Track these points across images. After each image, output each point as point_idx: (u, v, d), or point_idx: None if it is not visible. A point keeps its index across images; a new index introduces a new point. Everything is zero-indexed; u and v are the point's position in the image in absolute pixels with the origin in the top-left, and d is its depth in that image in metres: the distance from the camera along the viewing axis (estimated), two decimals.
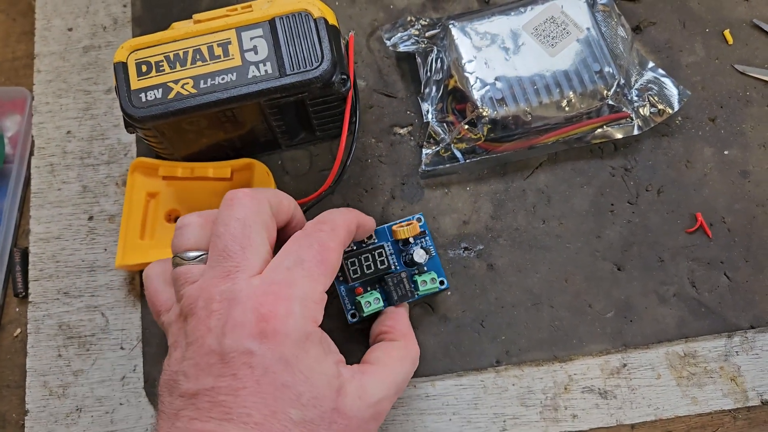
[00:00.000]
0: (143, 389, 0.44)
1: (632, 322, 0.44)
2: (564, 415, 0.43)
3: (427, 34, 0.48)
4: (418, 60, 0.48)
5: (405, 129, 0.49)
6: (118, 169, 0.49)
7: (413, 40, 0.48)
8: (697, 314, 0.44)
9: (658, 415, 0.43)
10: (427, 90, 0.48)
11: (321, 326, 0.34)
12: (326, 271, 0.34)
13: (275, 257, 0.34)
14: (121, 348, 0.45)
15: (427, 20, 0.49)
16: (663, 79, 0.48)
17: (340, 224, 0.36)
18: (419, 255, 0.43)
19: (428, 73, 0.48)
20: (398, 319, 0.41)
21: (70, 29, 0.53)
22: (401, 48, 0.48)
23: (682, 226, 0.46)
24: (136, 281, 0.46)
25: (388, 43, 0.49)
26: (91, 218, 0.48)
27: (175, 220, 0.46)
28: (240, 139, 0.45)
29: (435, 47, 0.48)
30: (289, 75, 0.40)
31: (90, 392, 0.44)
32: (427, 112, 0.47)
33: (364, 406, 0.33)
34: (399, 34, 0.49)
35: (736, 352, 0.44)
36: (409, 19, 0.49)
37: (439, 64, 0.47)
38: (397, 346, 0.39)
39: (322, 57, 0.40)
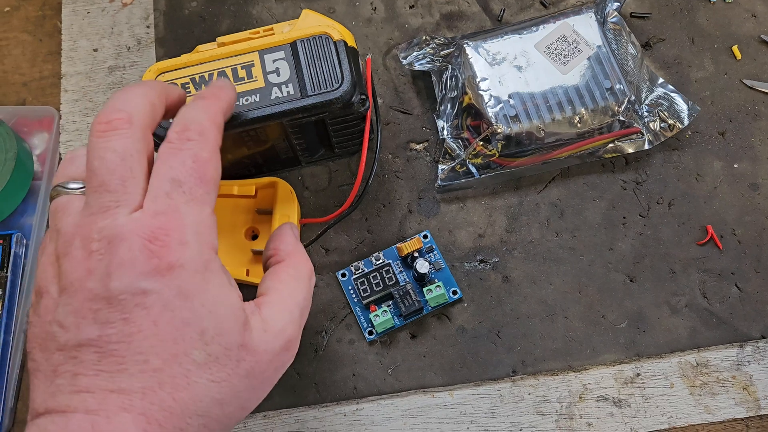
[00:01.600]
0: None
1: (645, 333, 0.45)
2: (579, 423, 0.44)
3: (441, 53, 0.50)
4: (434, 78, 0.50)
5: (421, 145, 0.50)
6: None
7: (428, 59, 0.50)
8: (709, 324, 0.45)
9: (671, 424, 0.44)
10: (442, 107, 0.49)
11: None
12: (209, 189, 0.30)
13: (150, 184, 0.30)
14: None
15: (442, 39, 0.50)
16: (673, 94, 0.49)
17: (208, 125, 0.31)
18: (422, 266, 0.45)
19: (443, 91, 0.49)
20: (281, 239, 0.37)
21: (95, 50, 0.55)
22: (417, 66, 0.50)
23: (692, 238, 0.47)
24: None
25: (404, 62, 0.50)
26: None
27: None
28: (262, 156, 0.47)
29: (450, 65, 0.49)
30: (311, 96, 0.41)
31: None
32: (443, 128, 0.49)
33: (271, 338, 0.31)
34: (414, 53, 0.50)
35: (748, 361, 0.45)
36: (424, 38, 0.50)
37: (453, 82, 0.49)
38: (285, 268, 0.35)
39: (342, 78, 0.42)
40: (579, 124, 0.46)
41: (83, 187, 0.31)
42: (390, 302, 0.46)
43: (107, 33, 0.55)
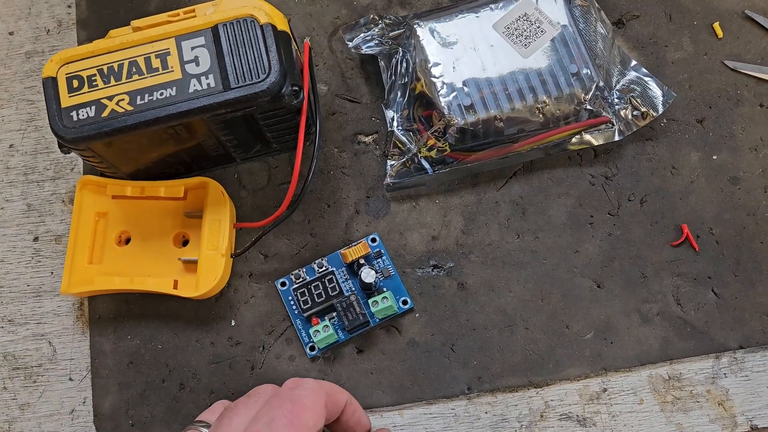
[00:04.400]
0: (93, 423, 0.41)
1: (613, 344, 0.41)
2: None
3: (390, 34, 0.45)
4: (381, 63, 0.45)
5: (370, 137, 0.45)
6: (64, 185, 0.46)
7: (376, 41, 0.45)
8: (683, 334, 0.41)
9: None
10: (391, 95, 0.44)
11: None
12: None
13: (250, 423, 0.30)
14: (70, 379, 0.42)
15: (391, 19, 0.45)
16: (646, 79, 0.44)
17: (317, 387, 0.32)
18: (367, 275, 0.41)
19: (392, 77, 0.44)
20: None
21: (11, 33, 0.49)
22: (364, 50, 0.45)
23: (666, 238, 0.43)
24: (84, 307, 0.44)
25: (350, 44, 0.45)
26: (36, 239, 0.45)
27: (127, 242, 0.43)
28: (188, 154, 0.42)
29: (400, 48, 0.44)
30: (234, 89, 0.37)
31: (37, 427, 0.42)
32: (392, 119, 0.44)
33: None
34: (361, 35, 0.45)
35: (725, 374, 0.41)
36: (371, 17, 0.45)
37: (404, 67, 0.44)
38: None
39: (270, 68, 0.37)
40: (542, 114, 0.42)
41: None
42: (334, 314, 0.41)
43: (24, 14, 0.50)
